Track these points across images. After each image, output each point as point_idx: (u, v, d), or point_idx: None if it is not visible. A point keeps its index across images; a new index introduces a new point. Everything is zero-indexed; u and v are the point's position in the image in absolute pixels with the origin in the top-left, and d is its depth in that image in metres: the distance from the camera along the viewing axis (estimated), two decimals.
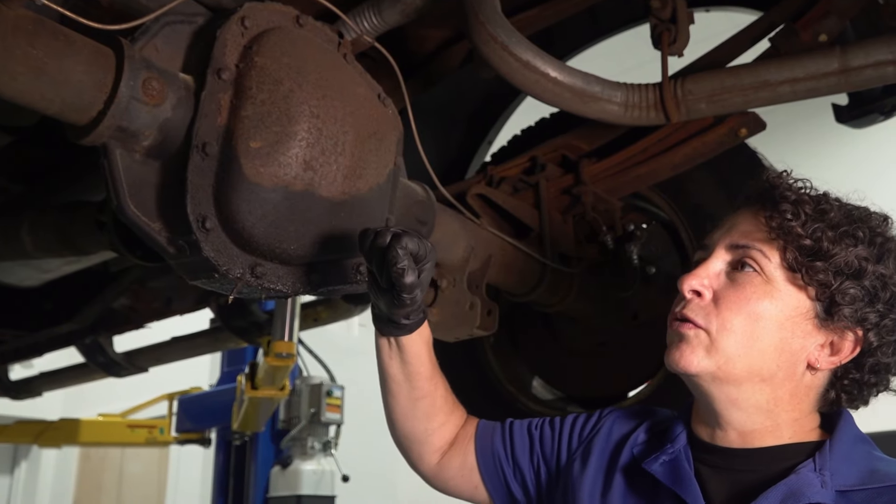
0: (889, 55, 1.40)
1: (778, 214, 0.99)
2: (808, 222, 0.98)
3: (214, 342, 3.10)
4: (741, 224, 1.03)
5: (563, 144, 1.86)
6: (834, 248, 0.96)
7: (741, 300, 0.98)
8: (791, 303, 0.98)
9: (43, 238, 1.70)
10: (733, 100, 1.52)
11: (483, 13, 1.44)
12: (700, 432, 1.05)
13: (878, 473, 0.94)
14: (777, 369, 0.98)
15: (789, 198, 1.00)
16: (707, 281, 1.01)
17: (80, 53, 0.97)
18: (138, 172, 1.05)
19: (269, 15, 1.14)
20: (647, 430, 1.12)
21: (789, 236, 0.98)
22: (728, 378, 0.98)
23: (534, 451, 1.21)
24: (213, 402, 4.52)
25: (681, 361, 0.99)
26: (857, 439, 1.00)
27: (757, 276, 0.98)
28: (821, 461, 0.94)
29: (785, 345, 0.98)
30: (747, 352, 0.97)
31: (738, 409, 1.00)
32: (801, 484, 0.92)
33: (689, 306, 1.00)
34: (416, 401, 1.19)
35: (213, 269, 1.05)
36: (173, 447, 5.48)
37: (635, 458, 1.08)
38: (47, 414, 5.36)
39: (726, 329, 0.97)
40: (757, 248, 0.99)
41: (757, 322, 0.97)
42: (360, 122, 1.17)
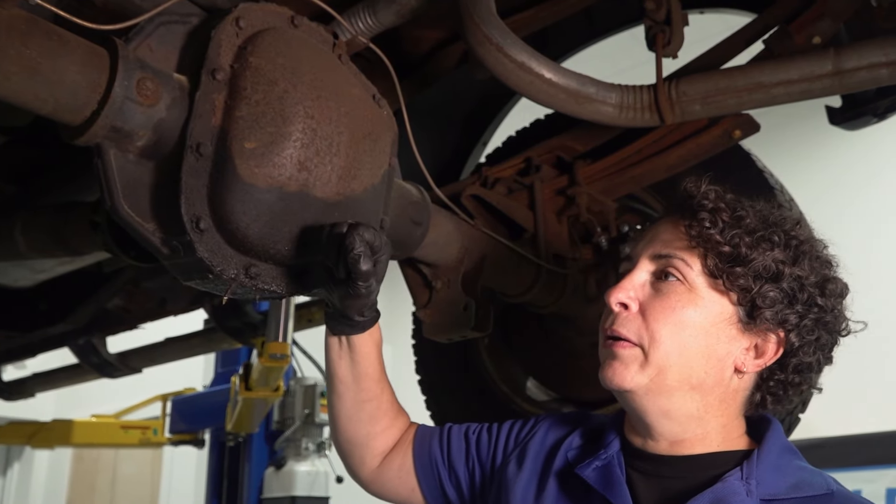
0: (882, 57, 1.41)
1: (696, 223, 1.01)
2: (725, 229, 1.00)
3: (208, 343, 3.10)
4: (662, 234, 1.06)
5: (557, 145, 1.87)
6: (752, 252, 0.99)
7: (666, 309, 0.99)
8: (714, 309, 1.00)
9: (36, 238, 1.69)
10: (727, 101, 1.52)
11: (478, 14, 1.44)
12: (633, 439, 1.07)
13: (802, 483, 0.97)
14: (706, 376, 1.00)
15: (706, 206, 1.02)
16: (633, 293, 1.02)
17: (73, 53, 0.96)
18: (132, 173, 1.05)
19: (264, 15, 1.14)
20: (581, 436, 1.14)
21: (709, 244, 1.00)
22: (660, 389, 1.00)
23: (469, 455, 1.22)
24: (206, 403, 4.50)
25: (615, 379, 1.01)
26: (785, 449, 1.02)
27: (680, 284, 1.00)
28: (748, 470, 0.97)
29: (711, 351, 1.00)
30: (676, 360, 0.99)
31: (669, 419, 1.01)
32: (726, 492, 0.94)
33: (618, 321, 1.01)
34: (362, 403, 1.20)
35: (207, 270, 1.05)
36: (167, 448, 5.46)
37: (569, 462, 1.10)
38: (40, 415, 5.34)
39: (656, 341, 0.99)
40: (678, 256, 1.01)
41: (683, 330, 0.99)
42: (355, 122, 1.17)
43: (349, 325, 1.13)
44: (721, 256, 0.99)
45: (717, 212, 1.01)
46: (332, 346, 1.18)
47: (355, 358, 1.16)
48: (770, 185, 1.80)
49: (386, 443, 1.24)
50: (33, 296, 2.40)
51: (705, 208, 1.02)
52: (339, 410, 1.22)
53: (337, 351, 1.17)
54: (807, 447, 1.32)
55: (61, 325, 2.53)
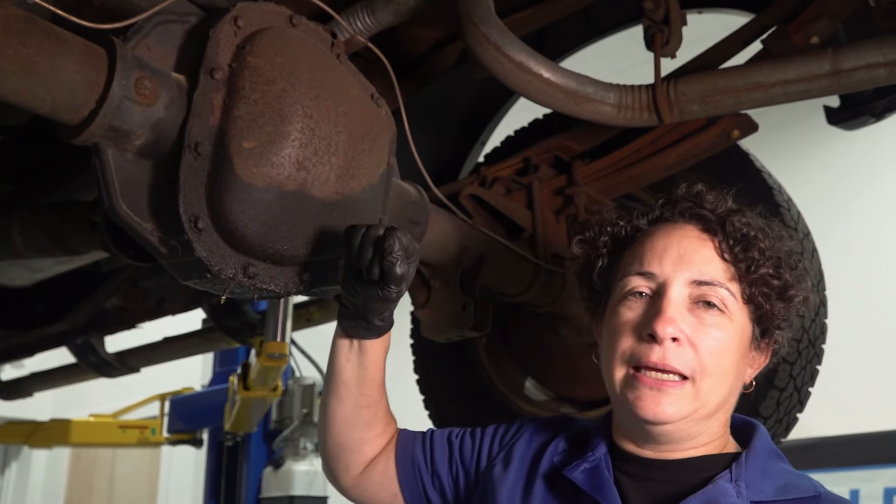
0: (880, 57, 1.41)
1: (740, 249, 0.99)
2: (768, 262, 1.00)
3: (206, 342, 3.09)
4: (693, 254, 1.00)
5: (556, 145, 1.87)
6: (795, 290, 1.02)
7: (717, 342, 0.97)
8: (744, 336, 1.01)
9: (34, 238, 1.69)
10: (725, 101, 1.52)
11: (476, 14, 1.44)
12: (622, 444, 1.05)
13: (789, 486, 0.97)
14: (733, 396, 1.02)
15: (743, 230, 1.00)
16: (683, 326, 0.96)
17: (71, 52, 0.96)
18: (130, 172, 1.04)
19: (263, 15, 1.14)
20: (566, 440, 1.13)
21: (755, 276, 0.99)
22: (699, 417, 0.99)
23: (453, 459, 1.19)
24: (205, 402, 4.50)
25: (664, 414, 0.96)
26: (772, 453, 1.02)
27: (722, 314, 0.99)
28: (737, 472, 0.97)
29: (738, 371, 1.01)
30: (719, 391, 0.99)
31: (692, 437, 1.01)
32: (717, 494, 0.94)
33: (669, 355, 0.95)
34: (361, 408, 1.17)
35: (205, 270, 1.05)
36: (165, 448, 5.46)
37: (555, 465, 1.09)
38: (38, 414, 5.34)
39: (706, 373, 0.97)
40: (725, 286, 0.99)
41: (726, 361, 0.99)
42: (354, 122, 1.17)
43: (366, 329, 1.10)
44: (770, 290, 1.00)
45: (757, 240, 1.00)
46: (340, 348, 1.14)
47: (364, 363, 1.13)
48: (768, 185, 1.81)
49: (375, 449, 1.21)
50: (31, 295, 2.40)
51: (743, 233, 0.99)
52: (336, 414, 1.18)
53: (346, 354, 1.14)
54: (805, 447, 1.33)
55: (59, 324, 2.53)
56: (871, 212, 4.43)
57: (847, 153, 4.47)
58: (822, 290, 1.81)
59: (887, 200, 4.41)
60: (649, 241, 1.04)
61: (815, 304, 1.06)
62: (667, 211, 1.06)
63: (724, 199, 1.04)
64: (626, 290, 1.02)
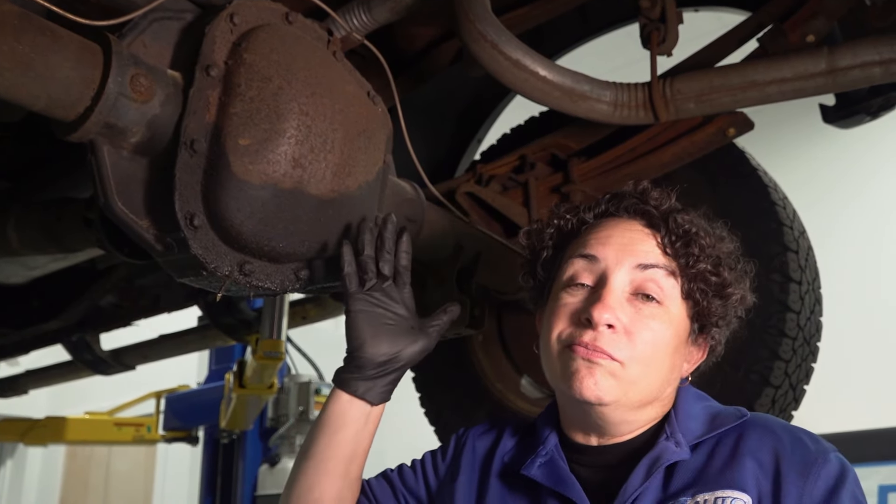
0: (876, 56, 1.41)
1: (681, 244, 1.01)
2: (708, 258, 1.02)
3: (202, 340, 3.09)
4: (637, 244, 1.02)
5: (552, 143, 1.87)
6: (735, 288, 1.03)
7: (652, 333, 0.99)
8: (681, 328, 1.03)
9: (29, 235, 1.69)
10: (721, 99, 1.52)
11: (473, 11, 1.44)
12: (572, 435, 1.06)
13: (718, 418, 1.01)
14: (668, 387, 1.04)
15: (685, 226, 1.02)
16: (620, 314, 0.98)
17: (67, 49, 0.96)
18: (126, 169, 1.04)
19: (259, 12, 1.14)
20: (512, 438, 1.13)
21: (694, 271, 1.01)
22: (630, 404, 1.00)
23: (397, 491, 1.14)
24: (200, 400, 4.50)
25: (594, 392, 0.97)
26: (695, 398, 1.06)
27: (659, 306, 1.00)
28: (670, 429, 1.00)
29: (674, 364, 1.03)
30: (650, 381, 1.00)
31: (628, 424, 1.03)
32: (659, 451, 0.98)
33: (602, 339, 0.98)
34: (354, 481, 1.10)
35: (201, 267, 1.05)
36: (160, 445, 5.44)
37: (507, 465, 1.09)
38: (33, 412, 5.32)
39: (636, 360, 0.99)
40: (664, 278, 1.01)
41: (659, 352, 1.00)
42: (350, 119, 1.17)
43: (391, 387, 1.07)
44: (709, 286, 1.01)
45: (698, 237, 1.02)
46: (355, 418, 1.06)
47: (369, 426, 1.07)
48: (763, 183, 1.81)
49: None
50: (26, 292, 2.39)
51: (685, 230, 1.02)
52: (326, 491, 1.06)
53: (359, 421, 1.06)
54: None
55: (54, 321, 2.53)
56: (869, 211, 4.44)
57: (846, 151, 4.48)
58: (817, 288, 1.81)
59: (886, 199, 4.42)
60: (594, 231, 1.06)
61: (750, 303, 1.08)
62: (612, 206, 1.07)
63: (669, 196, 1.07)
64: (567, 276, 1.04)
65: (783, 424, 1.00)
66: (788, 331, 1.69)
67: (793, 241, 1.74)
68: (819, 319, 1.80)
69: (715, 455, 0.98)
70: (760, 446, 0.96)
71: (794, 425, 1.01)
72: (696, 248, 1.01)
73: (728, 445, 0.98)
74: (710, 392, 1.11)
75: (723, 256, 1.03)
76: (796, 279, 1.71)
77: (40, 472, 7.57)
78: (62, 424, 4.66)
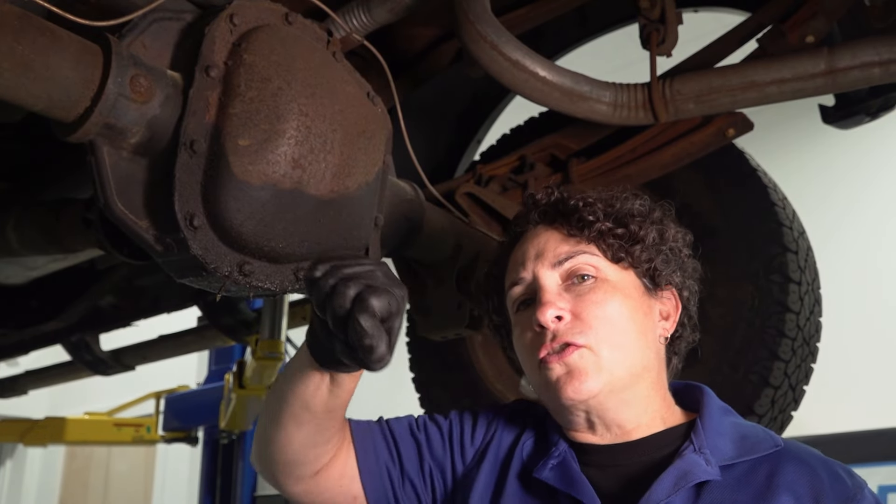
0: (875, 56, 1.41)
1: (579, 221, 1.06)
2: (608, 217, 1.06)
3: (202, 340, 3.09)
4: (548, 243, 1.07)
5: (551, 143, 1.87)
6: (640, 230, 1.06)
7: (599, 305, 1.02)
8: (629, 290, 1.05)
9: (29, 235, 1.69)
10: (721, 100, 1.52)
11: (473, 12, 1.44)
12: (574, 437, 1.06)
13: (748, 441, 1.00)
14: (648, 354, 1.04)
15: (579, 205, 1.07)
16: (561, 304, 1.02)
17: (66, 50, 0.96)
18: (126, 170, 1.04)
19: (258, 12, 1.14)
20: (531, 436, 1.13)
21: (603, 234, 1.05)
22: (618, 384, 1.01)
23: (423, 459, 1.10)
24: (200, 400, 4.50)
25: (582, 390, 0.99)
26: (723, 412, 1.06)
27: (595, 279, 1.04)
28: (698, 441, 0.99)
29: (643, 329, 1.04)
30: (624, 351, 1.01)
31: (629, 407, 1.03)
32: (688, 465, 0.96)
33: (560, 332, 1.00)
34: (324, 430, 1.03)
35: (200, 268, 1.05)
36: (160, 446, 5.45)
37: (525, 464, 1.08)
38: (33, 412, 5.33)
39: (602, 340, 1.00)
40: (583, 252, 1.05)
41: (618, 320, 1.02)
42: (349, 120, 1.17)
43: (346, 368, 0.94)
44: (619, 239, 1.05)
45: (592, 205, 1.07)
46: (309, 377, 0.97)
47: (337, 392, 0.99)
48: (763, 183, 1.81)
49: (330, 454, 1.07)
50: (26, 293, 2.39)
51: (580, 207, 1.07)
52: (293, 436, 1.02)
53: (316, 383, 0.98)
54: None
55: (54, 322, 2.53)
56: (870, 211, 4.44)
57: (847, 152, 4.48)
58: (817, 288, 1.81)
59: (887, 200, 4.42)
60: (512, 258, 1.12)
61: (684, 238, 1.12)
62: (518, 226, 1.14)
63: (554, 189, 1.12)
64: (511, 304, 1.09)
65: (820, 458, 0.99)
66: (788, 331, 1.69)
67: (792, 242, 1.75)
68: (818, 320, 1.80)
69: (749, 483, 0.96)
70: (798, 479, 0.95)
71: (828, 458, 1.00)
72: (591, 215, 1.06)
73: (762, 475, 0.96)
74: None
75: (625, 211, 1.07)
76: (796, 280, 1.71)
77: (40, 473, 7.57)
78: (62, 425, 4.66)
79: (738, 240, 1.77)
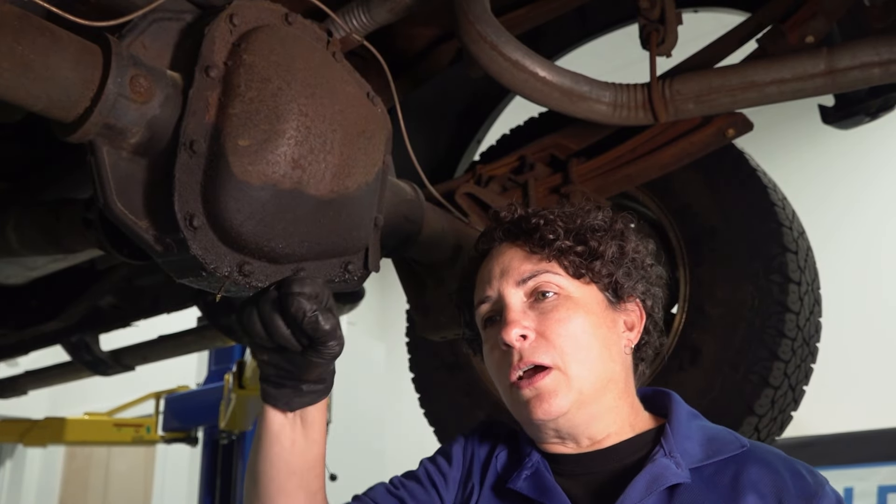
0: (875, 57, 1.41)
1: (540, 240, 1.07)
2: (568, 234, 1.07)
3: (202, 340, 3.09)
4: (508, 262, 1.08)
5: (551, 144, 1.87)
6: (600, 245, 1.07)
7: (563, 322, 1.03)
8: (591, 305, 1.06)
9: (29, 235, 1.69)
10: (721, 100, 1.53)
11: (472, 12, 1.44)
12: (547, 448, 1.08)
13: (715, 443, 1.02)
14: (613, 367, 1.05)
15: (540, 223, 1.08)
16: (526, 322, 1.03)
17: (66, 50, 0.96)
18: (125, 170, 1.04)
19: (258, 12, 1.14)
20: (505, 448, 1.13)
21: (563, 252, 1.06)
22: (587, 399, 1.03)
23: None
24: (200, 400, 4.50)
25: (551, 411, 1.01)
26: (690, 416, 1.07)
27: (558, 297, 1.05)
28: (668, 445, 1.01)
29: (607, 342, 1.05)
30: (589, 367, 1.03)
31: (598, 420, 1.04)
32: (660, 469, 0.98)
33: (527, 352, 1.02)
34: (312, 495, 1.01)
35: (200, 268, 1.05)
36: (160, 446, 5.45)
37: (500, 476, 1.10)
38: (33, 412, 5.33)
39: (568, 356, 1.02)
40: (545, 270, 1.06)
41: (581, 337, 1.03)
42: (349, 120, 1.17)
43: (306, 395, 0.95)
44: (579, 256, 1.06)
45: (552, 223, 1.08)
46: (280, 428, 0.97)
47: (311, 436, 0.98)
48: (763, 184, 1.81)
49: None
50: (26, 293, 2.39)
51: (540, 225, 1.08)
52: None
53: (289, 434, 0.97)
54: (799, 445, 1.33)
55: (54, 322, 2.52)
56: (870, 212, 4.44)
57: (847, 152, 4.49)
58: (816, 289, 1.81)
59: (887, 200, 4.43)
60: (479, 275, 1.13)
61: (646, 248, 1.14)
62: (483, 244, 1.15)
63: (517, 207, 1.13)
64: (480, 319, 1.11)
65: (782, 457, 1.01)
66: (787, 331, 1.69)
67: (792, 242, 1.75)
68: (818, 320, 1.81)
69: (716, 484, 0.98)
70: (761, 479, 0.97)
71: (791, 458, 1.02)
72: (551, 233, 1.06)
73: (728, 476, 0.98)
74: (709, 393, 1.12)
75: (586, 227, 1.08)
76: (795, 280, 1.71)
77: (40, 473, 7.57)
78: (61, 425, 4.66)
79: (737, 240, 1.77)
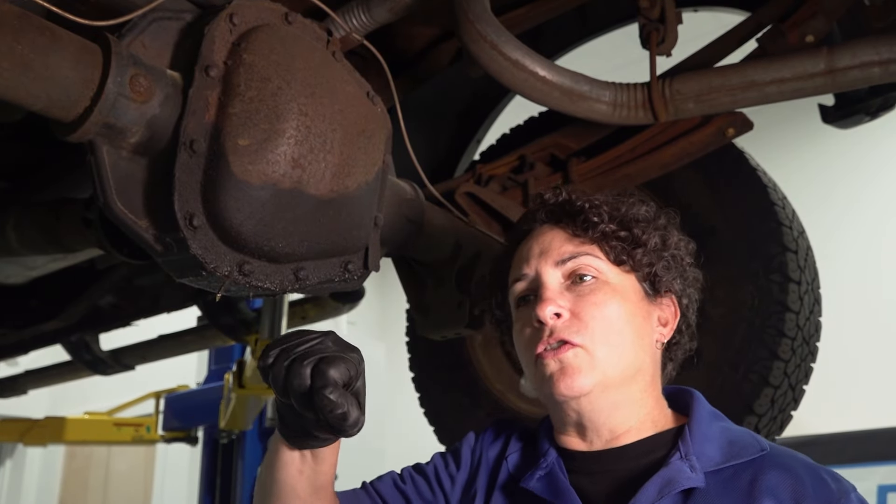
0: (875, 56, 1.41)
1: (584, 222, 1.07)
2: (613, 220, 1.07)
3: (202, 340, 3.09)
4: (551, 243, 1.09)
5: (551, 143, 1.87)
6: (643, 234, 1.07)
7: (598, 306, 1.03)
8: (628, 293, 1.06)
9: (28, 235, 1.69)
10: (721, 100, 1.52)
11: (472, 11, 1.44)
12: (567, 443, 1.07)
13: (735, 446, 1.00)
14: (644, 357, 1.05)
15: (585, 206, 1.09)
16: (561, 302, 1.03)
17: (66, 49, 0.96)
18: (125, 169, 1.04)
19: (258, 12, 1.14)
20: (516, 447, 1.13)
21: (606, 236, 1.07)
22: (612, 383, 1.02)
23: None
24: (200, 400, 4.49)
25: (574, 387, 1.00)
26: (712, 417, 1.06)
27: (596, 280, 1.05)
28: (685, 448, 1.00)
29: (639, 331, 1.05)
30: (620, 353, 1.03)
31: (619, 410, 1.04)
32: (672, 473, 0.97)
33: (558, 329, 1.02)
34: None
35: (200, 267, 1.05)
36: (160, 445, 5.45)
37: (511, 475, 1.09)
38: (33, 412, 5.33)
39: (598, 339, 1.01)
40: (586, 253, 1.06)
41: (615, 322, 1.03)
42: (349, 119, 1.17)
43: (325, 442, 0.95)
44: (621, 242, 1.06)
45: (598, 207, 1.08)
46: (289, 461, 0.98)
47: (320, 469, 0.99)
48: (763, 183, 1.81)
49: None
50: (25, 292, 2.39)
51: (585, 208, 1.08)
52: None
53: (298, 467, 0.98)
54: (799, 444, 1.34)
55: (54, 321, 2.53)
56: (870, 211, 4.44)
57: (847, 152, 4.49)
58: (816, 288, 1.81)
59: (887, 200, 4.43)
60: (517, 255, 1.13)
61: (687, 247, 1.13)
62: (525, 224, 1.15)
63: (562, 190, 1.14)
64: (514, 299, 1.11)
65: (805, 462, 0.98)
66: (787, 331, 1.69)
67: (792, 242, 1.75)
68: (818, 319, 1.81)
69: (732, 488, 0.95)
70: (779, 484, 0.94)
71: (816, 464, 0.99)
72: (596, 216, 1.07)
73: (745, 480, 0.96)
74: (708, 392, 1.11)
75: (630, 216, 1.09)
76: (795, 279, 1.71)
77: (39, 473, 7.56)
78: (61, 425, 4.66)
79: (737, 239, 1.77)
